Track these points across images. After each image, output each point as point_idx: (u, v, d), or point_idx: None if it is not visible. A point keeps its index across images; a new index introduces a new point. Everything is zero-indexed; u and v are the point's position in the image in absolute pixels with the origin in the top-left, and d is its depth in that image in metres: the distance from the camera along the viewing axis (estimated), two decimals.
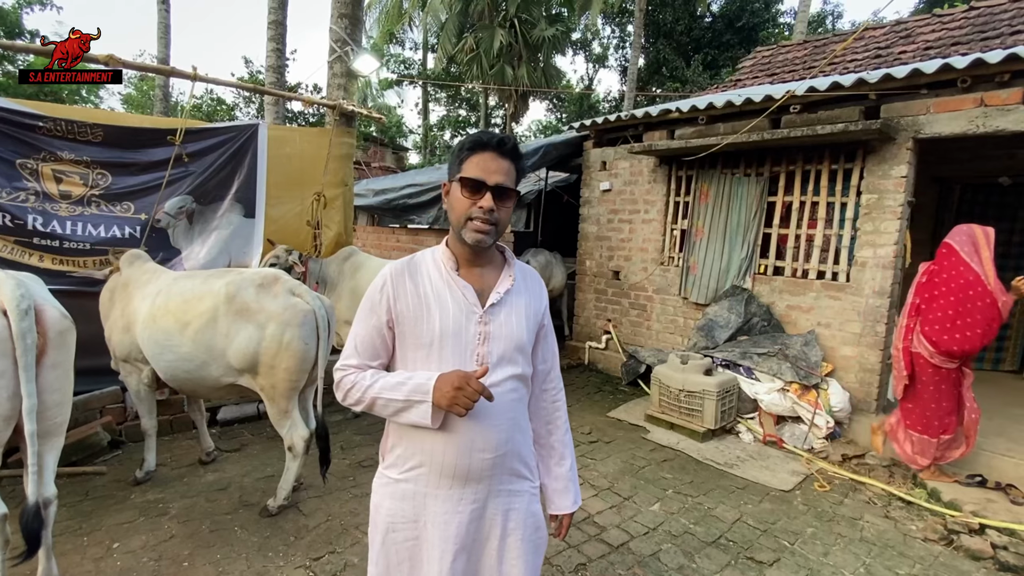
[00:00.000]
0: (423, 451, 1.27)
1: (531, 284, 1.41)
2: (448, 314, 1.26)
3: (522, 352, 1.33)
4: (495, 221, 1.24)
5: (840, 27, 18.61)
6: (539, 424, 1.48)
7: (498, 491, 1.31)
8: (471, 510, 1.28)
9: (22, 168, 3.45)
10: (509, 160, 1.25)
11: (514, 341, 1.30)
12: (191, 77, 3.85)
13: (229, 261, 4.23)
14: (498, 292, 1.31)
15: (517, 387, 1.33)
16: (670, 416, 4.38)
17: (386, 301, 1.29)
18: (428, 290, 1.28)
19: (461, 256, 1.32)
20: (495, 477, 1.30)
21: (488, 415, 1.26)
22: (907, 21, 7.29)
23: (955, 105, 3.80)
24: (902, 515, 3.21)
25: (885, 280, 4.12)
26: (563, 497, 1.49)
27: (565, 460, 1.49)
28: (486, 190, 1.22)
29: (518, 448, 1.34)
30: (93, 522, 2.74)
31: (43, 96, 13.47)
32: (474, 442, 1.25)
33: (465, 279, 1.29)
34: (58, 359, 2.09)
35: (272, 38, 7.84)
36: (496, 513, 1.31)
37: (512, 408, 1.31)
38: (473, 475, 1.27)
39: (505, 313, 1.31)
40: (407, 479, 1.30)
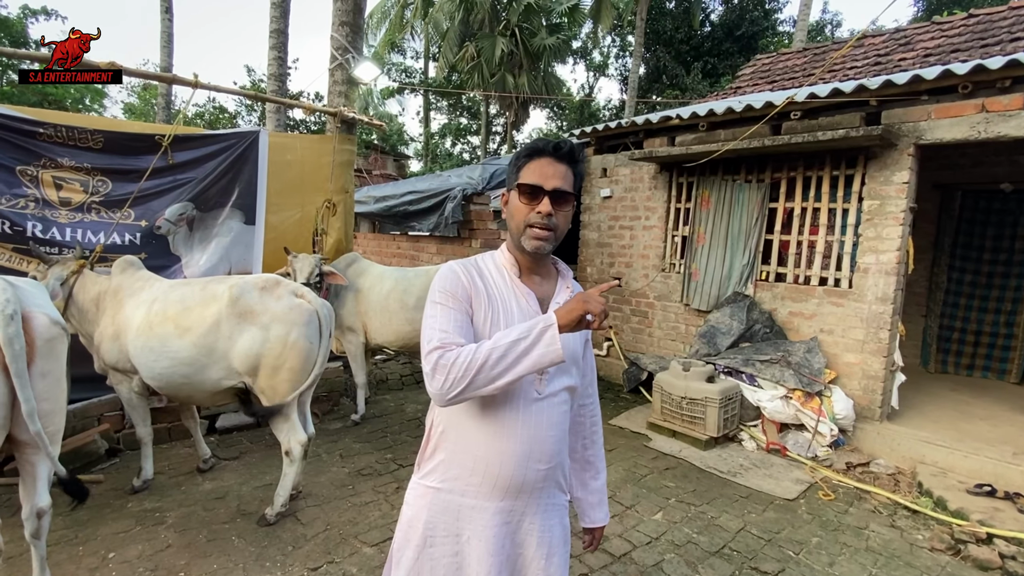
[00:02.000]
0: (475, 458, 1.22)
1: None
2: (513, 319, 1.23)
3: (576, 365, 1.33)
4: (553, 227, 1.22)
5: (839, 35, 18.72)
6: (575, 438, 1.47)
7: (547, 505, 1.30)
8: (518, 523, 1.26)
9: (22, 175, 3.45)
10: (566, 164, 1.24)
11: (569, 352, 1.25)
12: (192, 84, 3.86)
13: (229, 268, 4.22)
14: (557, 302, 1.30)
15: (568, 400, 1.32)
16: (672, 424, 4.34)
17: (465, 292, 1.24)
18: (495, 293, 1.27)
19: (523, 263, 1.31)
20: (544, 490, 1.28)
21: (546, 425, 1.24)
22: (906, 29, 7.31)
23: (956, 111, 3.79)
24: (908, 524, 3.17)
25: (888, 286, 4.09)
26: (597, 510, 1.50)
27: (600, 474, 1.50)
28: (543, 195, 1.21)
29: (564, 460, 1.34)
30: (89, 531, 2.71)
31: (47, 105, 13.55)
32: (532, 452, 1.22)
33: (526, 286, 1.29)
34: (47, 367, 2.05)
35: (274, 46, 7.88)
36: (543, 530, 1.28)
37: (564, 420, 1.30)
38: (526, 487, 1.24)
39: None
40: (452, 489, 1.25)
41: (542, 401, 1.24)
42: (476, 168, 6.72)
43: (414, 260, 7.69)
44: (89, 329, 3.03)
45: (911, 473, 3.76)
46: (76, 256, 3.12)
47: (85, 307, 3.00)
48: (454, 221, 6.23)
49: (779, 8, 17.44)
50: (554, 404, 1.26)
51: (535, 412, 1.23)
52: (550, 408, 1.25)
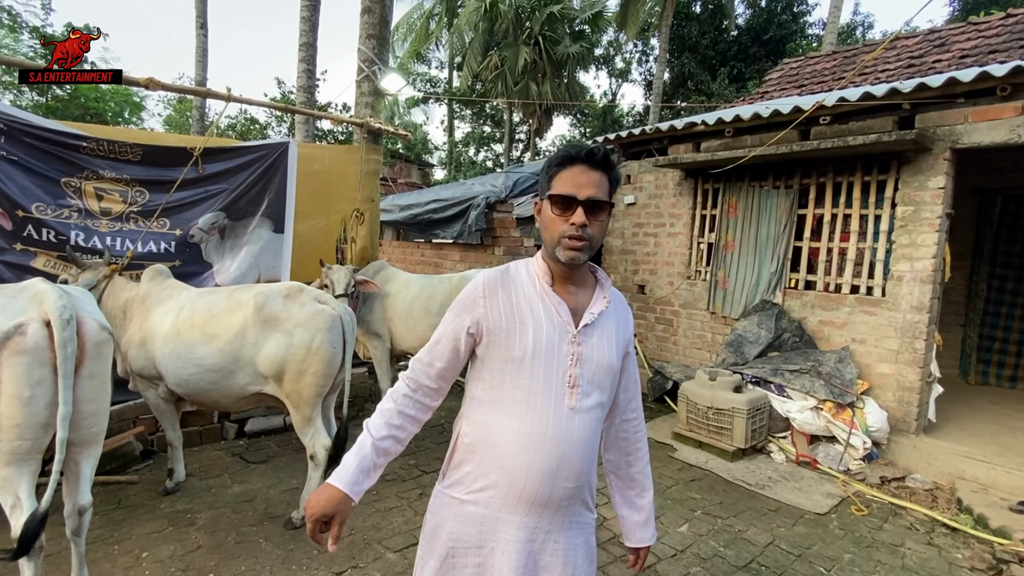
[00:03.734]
0: (503, 471, 1.20)
1: (620, 308, 1.35)
2: (542, 330, 1.20)
3: (611, 378, 1.28)
4: (588, 237, 1.17)
5: (871, 37, 18.29)
6: (618, 455, 1.43)
7: (571, 523, 1.27)
8: (543, 539, 1.23)
9: (66, 186, 3.60)
10: (600, 171, 1.19)
11: (604, 366, 1.25)
12: (225, 98, 3.98)
13: (259, 275, 4.32)
14: (592, 313, 1.25)
15: (600, 416, 1.28)
16: (698, 434, 4.27)
17: (477, 308, 1.24)
18: (522, 303, 1.23)
19: (556, 272, 1.27)
20: (571, 508, 1.26)
21: (577, 440, 1.21)
22: (941, 29, 7.11)
23: (995, 114, 3.67)
24: (947, 542, 3.04)
25: (923, 295, 3.96)
26: (644, 530, 1.45)
27: (647, 492, 1.45)
28: (577, 205, 1.16)
29: (592, 479, 1.30)
30: (124, 531, 2.79)
31: (89, 119, 14.15)
32: (560, 469, 1.19)
33: (560, 296, 1.25)
34: (95, 370, 2.15)
35: (303, 59, 8.08)
36: (568, 548, 1.25)
37: (595, 437, 1.26)
38: (552, 503, 1.21)
39: (598, 335, 1.25)
40: (476, 500, 1.23)
41: (574, 416, 1.21)
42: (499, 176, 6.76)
43: (438, 267, 7.76)
44: (116, 334, 3.10)
45: (950, 489, 3.62)
46: (105, 262, 3.21)
47: (113, 312, 3.07)
48: (477, 229, 6.27)
49: (808, 11, 17.13)
50: (586, 420, 1.22)
51: (566, 427, 1.20)
52: (582, 424, 1.22)
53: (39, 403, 1.98)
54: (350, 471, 1.21)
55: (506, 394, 1.21)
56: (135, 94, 18.06)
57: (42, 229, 3.51)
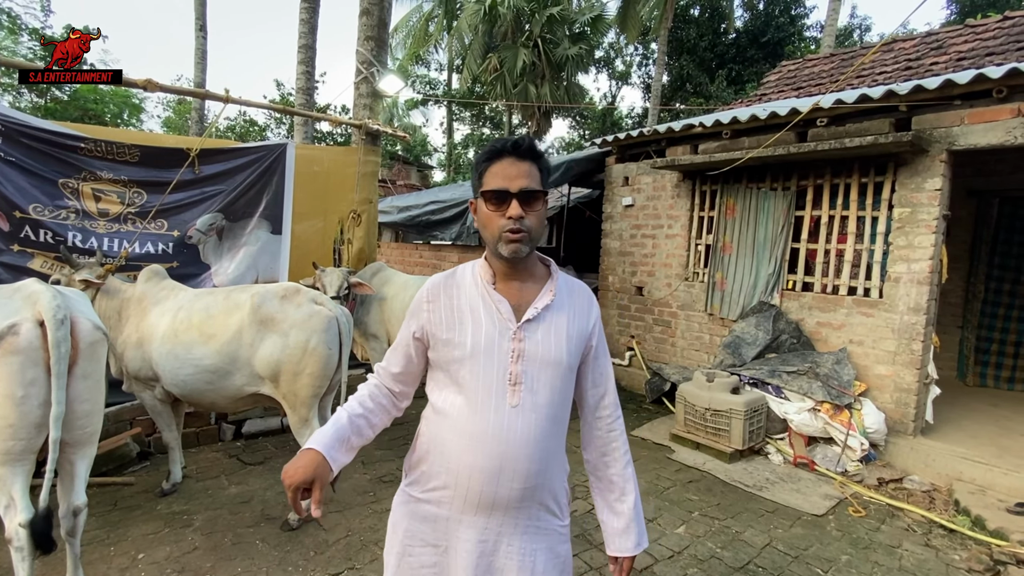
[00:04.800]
0: (449, 471, 1.19)
1: (577, 300, 1.30)
2: (481, 329, 1.19)
3: (561, 375, 1.23)
4: (527, 228, 1.16)
5: (868, 40, 18.33)
6: (594, 454, 1.37)
7: (526, 527, 1.22)
8: (495, 541, 1.20)
9: (64, 187, 3.61)
10: (529, 161, 1.17)
11: (551, 361, 1.20)
12: (223, 99, 3.99)
13: (256, 276, 4.33)
14: (535, 308, 1.21)
15: (554, 414, 1.22)
16: (696, 435, 4.27)
17: (422, 314, 1.25)
18: (463, 304, 1.22)
19: (498, 270, 1.24)
20: (523, 510, 1.21)
21: (521, 440, 1.17)
22: (938, 32, 7.13)
23: (991, 116, 3.68)
24: (944, 544, 3.04)
25: (921, 296, 3.97)
26: (624, 538, 1.32)
27: (627, 496, 1.33)
28: (511, 198, 1.14)
29: (551, 482, 1.25)
30: (120, 532, 2.78)
31: (88, 120, 14.15)
32: (503, 470, 1.16)
33: (502, 293, 1.22)
34: (88, 370, 2.15)
35: (302, 61, 8.09)
36: (525, 553, 1.22)
37: (547, 436, 1.21)
38: (500, 504, 1.18)
39: (543, 330, 1.21)
40: (430, 500, 1.23)
41: (517, 414, 1.17)
42: None
43: (436, 269, 7.77)
44: (111, 335, 3.04)
45: (947, 490, 3.62)
46: (98, 262, 3.19)
47: (107, 313, 3.06)
48: (475, 231, 6.27)
49: (806, 14, 17.19)
50: (532, 418, 1.18)
51: (508, 426, 1.16)
52: (527, 422, 1.17)
53: (32, 403, 1.98)
54: (327, 435, 1.19)
55: (451, 395, 1.22)
56: (134, 96, 18.07)
57: (39, 230, 3.51)
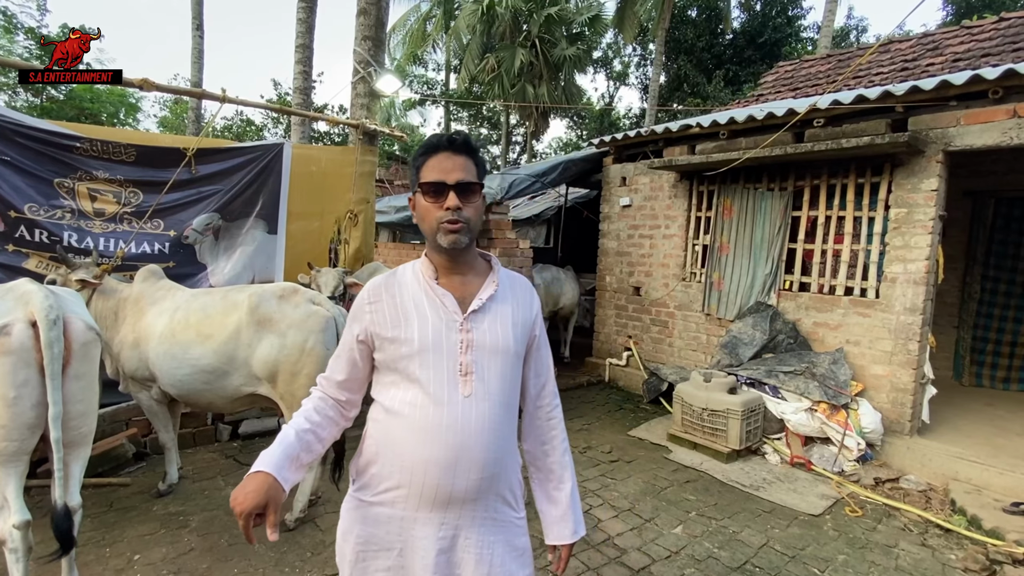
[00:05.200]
0: (403, 469, 1.18)
1: (519, 291, 1.33)
2: (427, 324, 1.20)
3: (510, 363, 1.25)
4: (464, 220, 1.18)
5: (865, 41, 18.39)
6: (534, 444, 1.38)
7: (483, 519, 1.22)
8: (452, 536, 1.19)
9: (59, 187, 3.59)
10: (464, 156, 1.21)
11: (499, 349, 1.22)
12: (220, 99, 3.98)
13: (253, 276, 4.31)
14: (480, 299, 1.23)
15: (507, 402, 1.24)
16: (693, 435, 4.27)
17: (364, 316, 1.25)
18: (407, 301, 1.23)
19: (440, 265, 1.26)
20: (480, 502, 1.21)
21: (475, 429, 1.17)
22: (934, 33, 7.16)
23: (987, 117, 3.69)
24: (940, 543, 3.05)
25: (917, 296, 3.98)
26: (561, 526, 1.34)
27: (564, 484, 1.36)
28: (448, 190, 1.17)
29: (507, 473, 1.25)
30: (116, 533, 2.77)
31: (84, 119, 14.10)
32: (460, 460, 1.16)
33: (445, 287, 1.23)
34: (82, 370, 2.14)
35: (299, 61, 8.07)
36: (483, 546, 1.21)
37: (501, 425, 1.21)
38: (458, 498, 1.17)
39: (489, 320, 1.23)
40: (383, 502, 1.20)
41: (471, 404, 1.18)
42: (495, 178, 6.76)
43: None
44: (106, 336, 3.01)
45: (943, 490, 3.63)
46: (93, 261, 3.17)
47: (103, 314, 3.04)
48: None
49: (803, 15, 17.24)
50: (486, 407, 1.18)
51: (462, 416, 1.16)
52: (480, 412, 1.18)
53: (25, 404, 1.97)
54: (275, 455, 1.14)
55: (401, 393, 1.21)
56: (131, 95, 18.02)
57: (35, 230, 3.49)
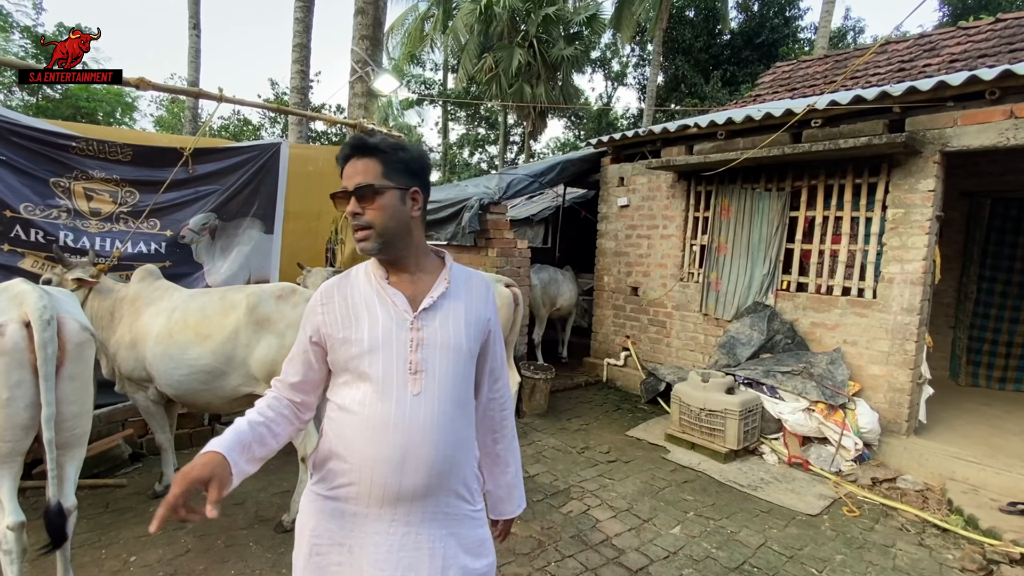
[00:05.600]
0: (352, 466, 1.18)
1: (474, 288, 1.32)
2: (378, 323, 1.20)
3: (463, 360, 1.24)
4: (366, 224, 1.19)
5: (862, 42, 18.43)
6: (485, 434, 1.42)
7: (434, 514, 1.21)
8: (403, 533, 1.18)
9: (55, 186, 3.57)
10: (367, 158, 1.21)
11: (451, 348, 1.22)
12: (217, 98, 3.95)
13: (249, 276, 4.29)
14: (431, 297, 1.23)
15: (458, 399, 1.23)
16: (691, 436, 4.28)
17: (316, 317, 1.25)
18: (358, 302, 1.24)
19: (386, 266, 1.27)
20: (431, 498, 1.20)
21: (425, 429, 1.17)
22: (931, 34, 7.18)
23: (984, 117, 3.70)
24: (937, 543, 3.06)
25: (914, 297, 3.99)
26: (506, 503, 1.47)
27: (510, 467, 1.46)
28: (350, 196, 1.20)
29: (461, 468, 1.24)
30: (112, 535, 2.76)
31: (80, 118, 14.04)
32: (407, 459, 1.15)
33: (396, 287, 1.24)
34: (75, 371, 2.12)
35: (297, 60, 8.06)
36: (435, 540, 1.20)
37: (453, 423, 1.21)
38: (404, 496, 1.17)
39: (441, 318, 1.23)
40: (337, 496, 1.21)
41: (420, 402, 1.18)
42: (493, 178, 6.76)
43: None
44: (102, 336, 3.00)
45: (940, 490, 3.64)
46: (90, 261, 3.14)
47: (99, 314, 3.01)
48: (471, 231, 6.26)
49: (800, 15, 17.26)
50: (435, 405, 1.19)
51: (411, 414, 1.17)
52: (430, 410, 1.18)
53: (18, 405, 1.96)
54: (226, 439, 1.14)
55: (353, 392, 1.21)
56: (127, 95, 17.95)
57: (30, 230, 3.47)
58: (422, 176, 1.27)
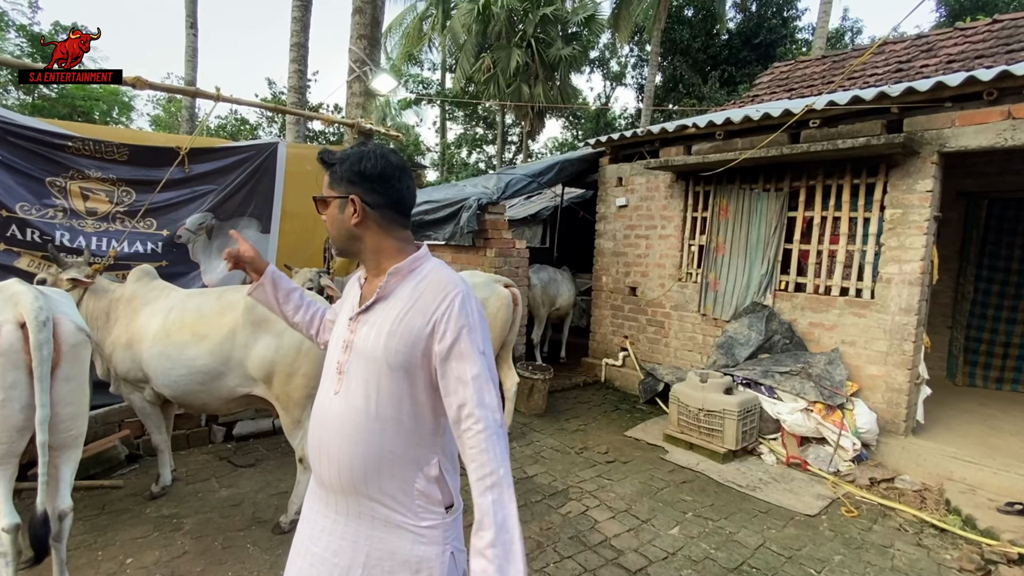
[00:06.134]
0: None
1: (425, 296, 1.17)
2: (342, 320, 1.32)
3: (378, 371, 1.16)
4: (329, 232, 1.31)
5: (859, 43, 18.46)
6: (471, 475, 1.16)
7: (359, 513, 1.20)
8: (334, 519, 1.24)
9: (51, 186, 3.55)
10: (324, 170, 1.29)
11: (366, 355, 1.17)
12: (214, 98, 3.94)
13: (245, 277, 4.26)
14: (368, 300, 1.23)
15: (374, 411, 1.16)
16: (689, 436, 4.27)
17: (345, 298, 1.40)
18: (349, 295, 1.36)
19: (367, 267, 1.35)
20: (351, 496, 1.20)
21: (336, 427, 1.20)
22: (928, 35, 7.20)
23: (981, 118, 3.71)
24: (935, 543, 3.06)
25: (912, 297, 4.00)
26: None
27: (482, 533, 1.06)
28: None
29: (378, 479, 1.17)
30: (108, 536, 2.74)
31: (76, 118, 13.97)
32: (321, 452, 1.23)
33: (365, 287, 1.32)
34: (71, 372, 2.11)
35: (294, 60, 8.04)
36: (359, 536, 1.19)
37: (363, 432, 1.16)
38: (330, 486, 1.23)
39: (369, 324, 1.20)
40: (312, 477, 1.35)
41: (336, 401, 1.22)
42: (491, 178, 6.75)
43: None
44: (98, 336, 2.97)
45: (938, 490, 3.64)
46: (85, 261, 3.10)
47: (95, 314, 2.98)
48: (469, 231, 6.25)
49: (798, 16, 17.30)
50: (344, 407, 1.19)
51: (328, 411, 1.23)
52: (340, 411, 1.20)
53: (13, 406, 1.94)
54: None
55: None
56: (124, 94, 17.88)
57: (26, 229, 3.45)
58: (362, 183, 1.21)
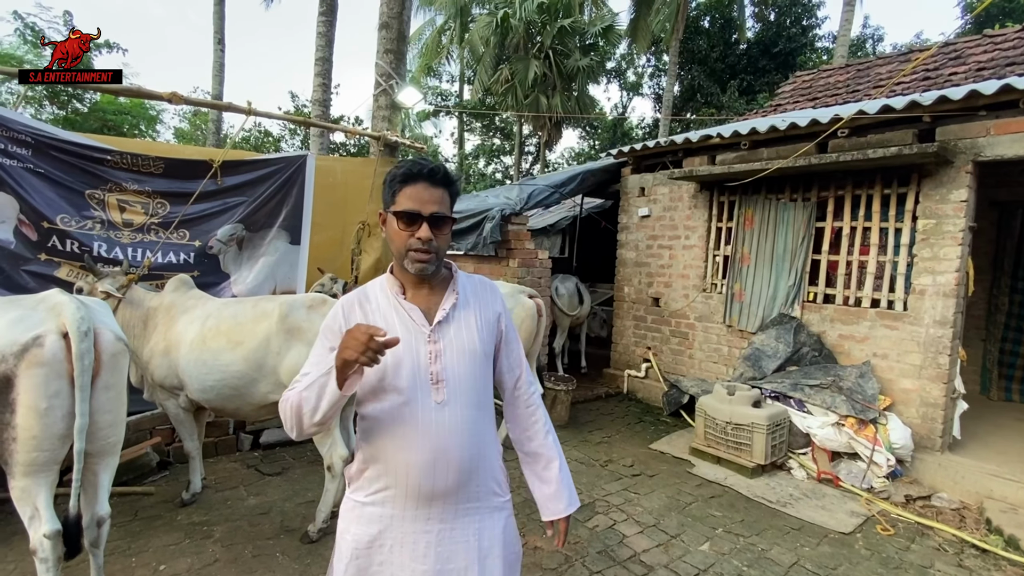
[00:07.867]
0: (389, 472, 1.27)
1: (481, 293, 1.41)
2: (409, 339, 1.28)
3: (479, 363, 1.33)
4: (434, 250, 1.27)
5: (881, 50, 18.26)
6: (518, 432, 1.47)
7: (467, 509, 1.30)
8: (439, 530, 1.27)
9: (90, 198, 3.65)
10: (442, 188, 1.28)
11: (467, 351, 1.31)
12: (246, 112, 4.03)
13: (275, 286, 4.34)
14: (444, 309, 1.32)
15: (478, 402, 1.32)
16: (716, 450, 4.20)
17: (340, 326, 1.30)
18: (377, 317, 1.31)
19: (407, 281, 1.35)
20: (462, 494, 1.29)
21: (450, 433, 1.26)
22: (956, 42, 7.08)
23: (1017, 127, 3.63)
24: (977, 564, 2.96)
25: (947, 309, 3.90)
26: (556, 501, 1.43)
27: (553, 463, 1.44)
28: (422, 221, 1.25)
29: (487, 464, 1.34)
30: (141, 543, 2.78)
31: (107, 131, 14.38)
32: (437, 463, 1.24)
33: (412, 302, 1.32)
34: (111, 381, 2.15)
35: (319, 74, 8.20)
36: (470, 534, 1.29)
37: (475, 425, 1.30)
38: (439, 495, 1.26)
39: (455, 328, 1.32)
40: (374, 502, 1.29)
41: (443, 410, 1.26)
42: (514, 188, 6.77)
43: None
44: (134, 345, 3.04)
45: (978, 509, 3.53)
46: (123, 271, 3.19)
47: (132, 323, 3.06)
48: (492, 241, 6.28)
49: (817, 24, 17.17)
50: (458, 411, 1.27)
51: (436, 421, 1.25)
52: (453, 415, 1.26)
53: (56, 415, 1.98)
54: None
55: (380, 403, 1.27)
56: (151, 107, 18.36)
57: (66, 240, 3.55)
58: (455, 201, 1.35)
